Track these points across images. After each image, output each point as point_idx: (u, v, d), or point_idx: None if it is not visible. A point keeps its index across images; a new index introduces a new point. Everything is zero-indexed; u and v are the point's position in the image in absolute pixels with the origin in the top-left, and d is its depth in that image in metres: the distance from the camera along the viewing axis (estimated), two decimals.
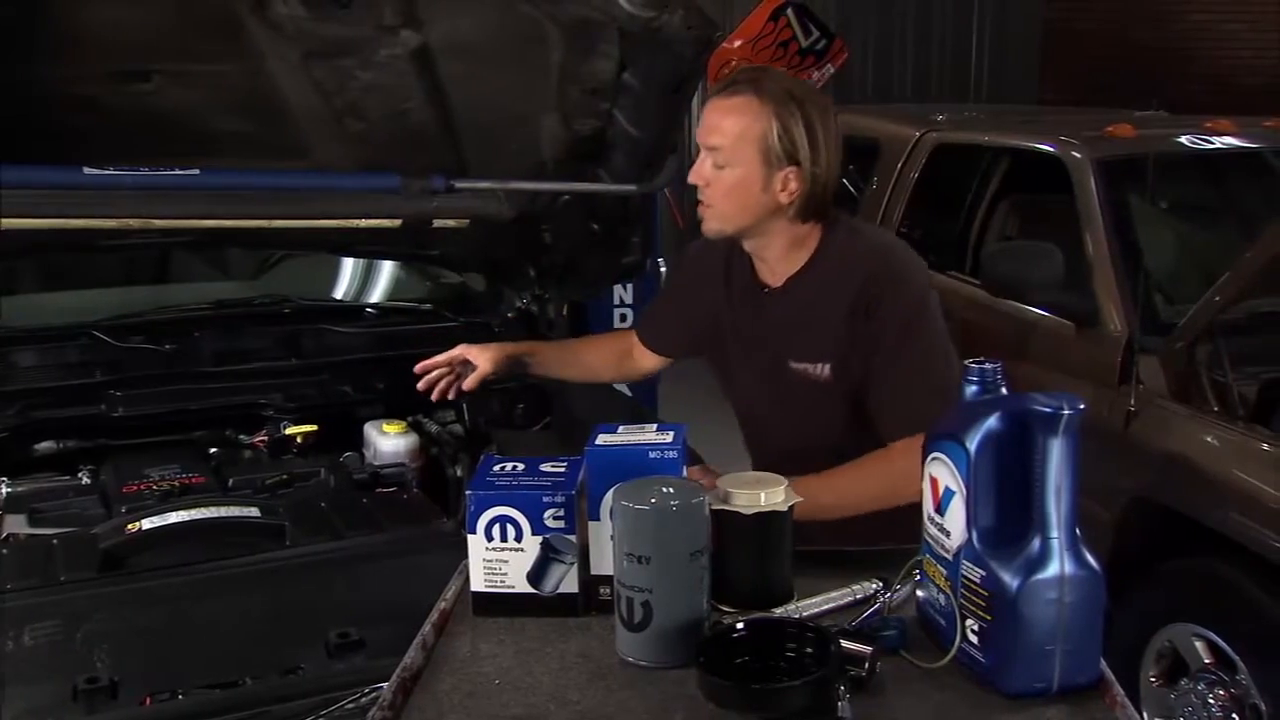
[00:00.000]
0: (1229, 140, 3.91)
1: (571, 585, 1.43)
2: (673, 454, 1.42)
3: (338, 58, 2.23)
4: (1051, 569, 1.20)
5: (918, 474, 1.36)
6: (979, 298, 3.76)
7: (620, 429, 1.48)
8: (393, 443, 2.64)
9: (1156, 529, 3.01)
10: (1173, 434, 3.00)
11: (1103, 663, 1.25)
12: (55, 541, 2.19)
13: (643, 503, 1.29)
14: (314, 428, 2.71)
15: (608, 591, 1.38)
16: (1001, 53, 8.31)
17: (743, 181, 1.81)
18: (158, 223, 2.45)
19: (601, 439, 1.45)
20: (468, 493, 1.43)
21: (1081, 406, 1.21)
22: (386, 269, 3.43)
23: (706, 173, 1.83)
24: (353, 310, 3.18)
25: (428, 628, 1.41)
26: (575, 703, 1.25)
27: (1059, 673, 1.21)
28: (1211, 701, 2.77)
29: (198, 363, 2.80)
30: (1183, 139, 3.91)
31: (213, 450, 2.68)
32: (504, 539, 1.42)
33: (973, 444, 1.24)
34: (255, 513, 2.29)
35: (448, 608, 1.47)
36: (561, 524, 1.41)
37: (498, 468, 1.48)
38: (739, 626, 1.30)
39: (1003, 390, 1.33)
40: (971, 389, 1.32)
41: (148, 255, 3.21)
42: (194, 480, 2.45)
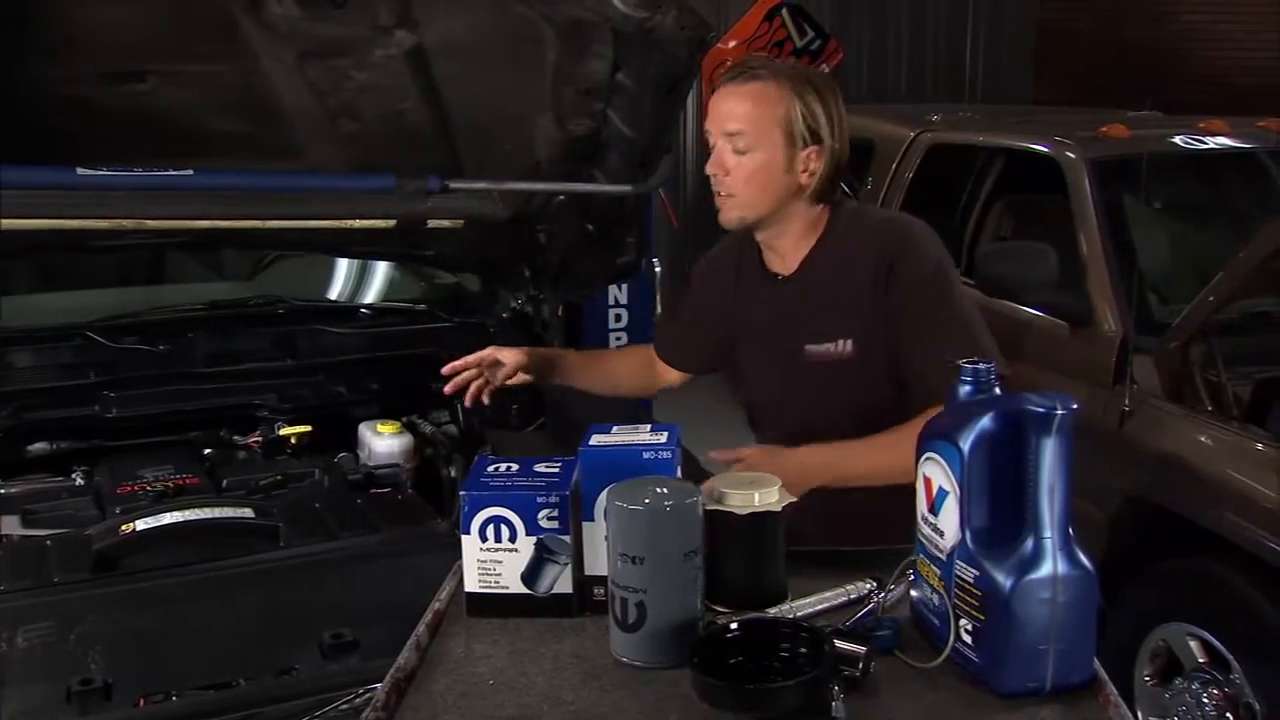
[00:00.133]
0: (1222, 140, 3.91)
1: (566, 586, 1.43)
2: (667, 454, 1.42)
3: (332, 58, 2.22)
4: (1045, 569, 1.20)
5: None
6: (974, 298, 3.76)
7: (614, 429, 1.48)
8: (387, 443, 2.64)
9: (1151, 529, 3.01)
10: (1167, 434, 3.01)
11: (1096, 662, 1.25)
12: (49, 543, 2.19)
13: (636, 503, 1.29)
14: (308, 428, 2.71)
15: (602, 592, 1.38)
16: (996, 53, 8.31)
17: (766, 165, 1.82)
18: (151, 223, 2.45)
19: (595, 439, 1.45)
20: (462, 493, 1.43)
21: (1074, 407, 1.21)
22: (381, 269, 3.43)
23: (727, 161, 1.82)
24: (347, 311, 3.18)
25: (422, 628, 1.41)
26: (569, 703, 1.25)
27: (1052, 672, 1.21)
28: (1206, 701, 2.78)
29: (192, 363, 2.79)
30: (1177, 139, 3.91)
31: (207, 451, 2.68)
32: (498, 539, 1.42)
33: (966, 444, 1.25)
34: (249, 514, 2.29)
35: (442, 608, 1.47)
36: (556, 524, 1.41)
37: (492, 468, 1.48)
38: (733, 627, 1.30)
39: (996, 390, 1.33)
40: (965, 389, 1.33)
41: (142, 256, 3.21)
42: (188, 481, 2.45)
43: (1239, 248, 2.92)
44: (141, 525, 2.18)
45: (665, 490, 1.31)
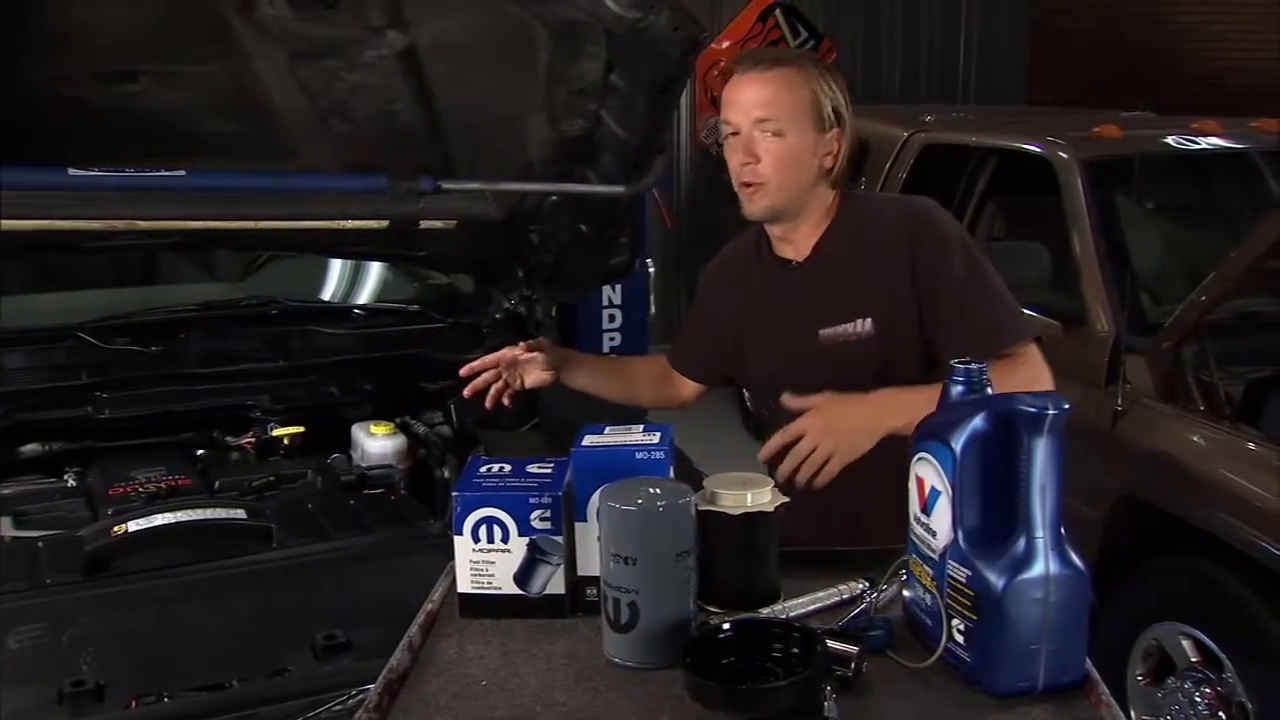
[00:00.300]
0: (1215, 141, 3.93)
1: (558, 586, 1.43)
2: (659, 455, 1.42)
3: (324, 58, 2.22)
4: (1037, 568, 1.20)
5: (1046, 376, 1.67)
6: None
7: (607, 430, 1.48)
8: (380, 444, 2.64)
9: (1144, 528, 3.02)
10: (1159, 433, 3.01)
11: (1088, 662, 1.26)
12: (41, 544, 2.18)
13: (629, 504, 1.29)
14: (301, 429, 2.71)
15: (594, 592, 1.38)
16: (990, 53, 8.32)
17: (797, 149, 1.83)
18: (143, 224, 2.44)
19: (588, 440, 1.45)
20: (454, 494, 1.43)
21: (1066, 406, 1.21)
22: (374, 270, 3.42)
23: (758, 148, 1.82)
24: (340, 311, 3.18)
25: (414, 629, 1.41)
26: (562, 704, 1.25)
27: (1044, 672, 1.21)
28: (1198, 700, 2.78)
29: (184, 364, 2.79)
30: (1169, 140, 3.93)
31: (199, 452, 2.68)
32: (491, 540, 1.42)
33: (958, 444, 1.25)
34: (242, 514, 2.29)
35: (434, 609, 1.47)
36: (548, 525, 1.41)
37: (484, 469, 1.48)
38: (725, 627, 1.30)
39: (988, 390, 1.33)
40: (957, 389, 1.33)
41: (134, 256, 3.21)
42: (180, 482, 2.45)
43: (1231, 248, 2.92)
44: (134, 526, 2.18)
45: (658, 491, 1.31)
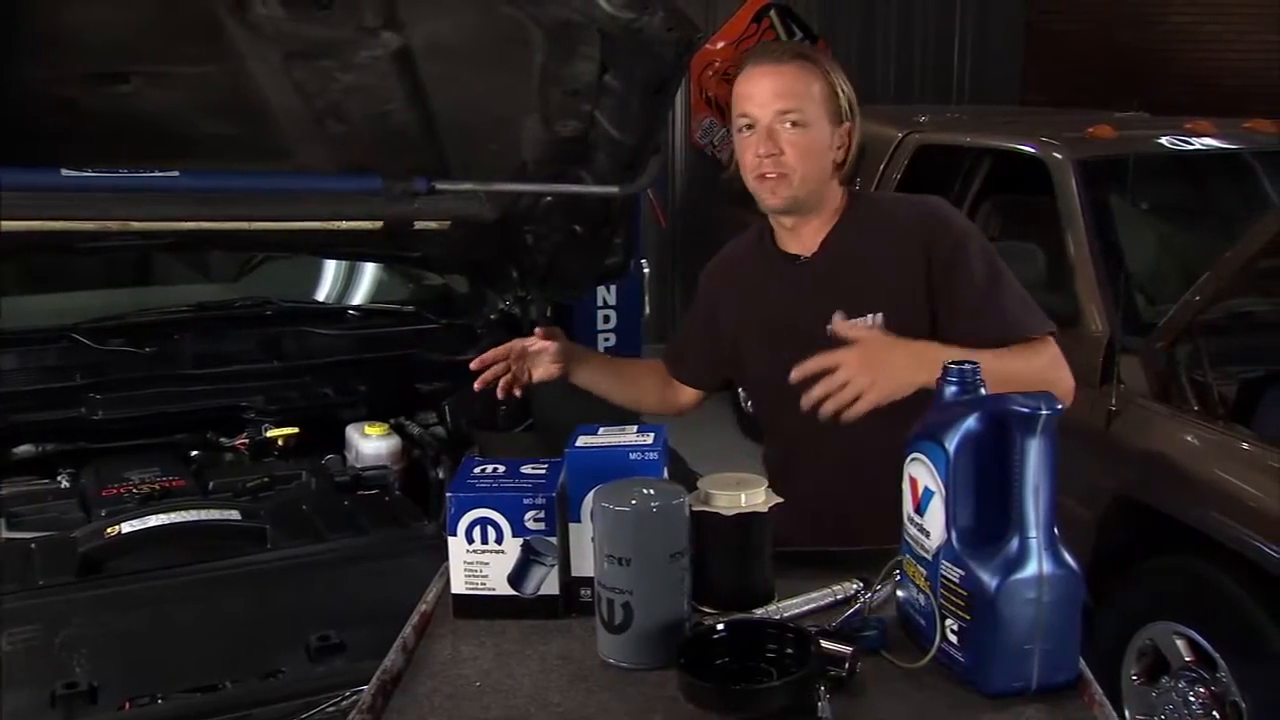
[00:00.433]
0: (1209, 141, 3.94)
1: (552, 587, 1.43)
2: (653, 455, 1.42)
3: (318, 59, 2.22)
4: (1030, 568, 1.20)
5: (1066, 371, 1.76)
6: None
7: (601, 430, 1.48)
8: (374, 445, 2.64)
9: (1138, 528, 3.02)
10: (1153, 433, 3.02)
11: (1081, 662, 1.26)
12: (34, 545, 2.18)
13: (622, 504, 1.29)
14: (295, 430, 2.71)
15: (589, 593, 1.38)
16: (984, 54, 8.33)
17: (819, 140, 1.84)
18: (137, 225, 2.44)
19: (582, 440, 1.45)
20: (448, 495, 1.43)
21: (1059, 407, 1.22)
22: (368, 271, 3.42)
23: (782, 139, 1.82)
24: (334, 312, 3.17)
25: (408, 630, 1.40)
26: (556, 704, 1.25)
27: (1038, 672, 1.21)
28: (1192, 699, 2.79)
29: (178, 365, 2.78)
30: (1163, 140, 3.94)
31: (193, 453, 2.67)
32: (485, 541, 1.42)
33: (952, 444, 1.25)
34: (236, 515, 2.28)
35: (428, 610, 1.47)
36: (542, 526, 1.41)
37: (478, 470, 1.48)
38: (719, 628, 1.30)
39: (982, 390, 1.33)
40: (950, 389, 1.33)
41: (128, 257, 3.20)
42: (174, 483, 2.45)
43: (1225, 248, 2.93)
44: (127, 528, 2.17)
45: (651, 491, 1.31)
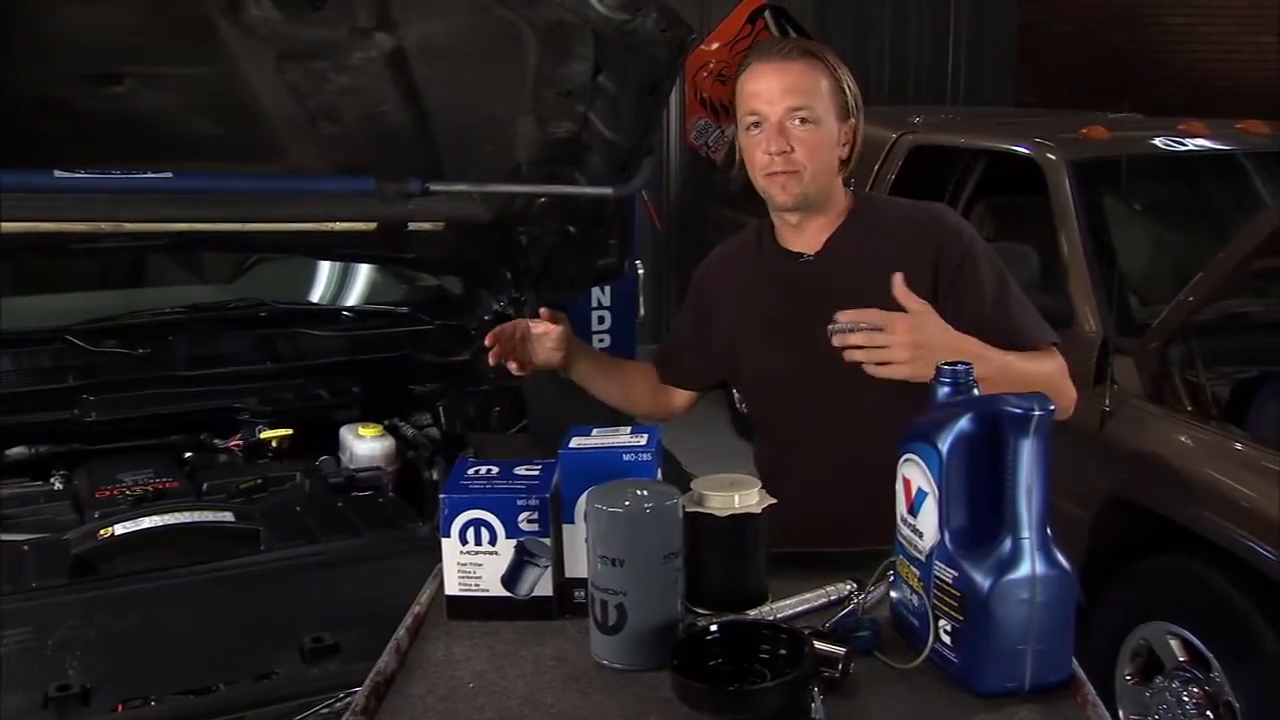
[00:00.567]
0: (1201, 142, 3.94)
1: (546, 588, 1.43)
2: (646, 456, 1.42)
3: (311, 60, 2.22)
4: (1023, 569, 1.20)
5: (1070, 383, 1.79)
6: None
7: (594, 431, 1.48)
8: (368, 446, 2.63)
9: (1132, 528, 3.03)
10: (1147, 434, 3.03)
11: (1074, 662, 1.26)
12: (26, 547, 2.17)
13: (616, 505, 1.28)
14: (289, 431, 2.70)
15: (582, 594, 1.38)
16: (978, 55, 8.35)
17: (829, 136, 1.84)
18: (130, 226, 2.43)
19: (575, 442, 1.45)
20: (441, 496, 1.43)
21: (1052, 408, 1.22)
22: (363, 272, 3.42)
23: (792, 136, 1.81)
24: (328, 314, 3.17)
25: (402, 632, 1.40)
26: (549, 706, 1.25)
27: (1031, 672, 1.21)
28: (1186, 699, 2.79)
29: (172, 367, 2.78)
30: (1156, 141, 3.95)
31: (187, 455, 2.67)
32: (478, 542, 1.42)
33: (945, 445, 1.25)
34: (229, 517, 2.28)
35: (422, 611, 1.47)
36: (536, 527, 1.41)
37: (472, 471, 1.48)
38: (713, 629, 1.30)
39: (975, 391, 1.33)
40: (943, 390, 1.33)
41: (121, 259, 3.19)
42: (167, 485, 2.44)
43: (1218, 249, 2.94)
44: (120, 529, 2.17)
45: (645, 493, 1.31)
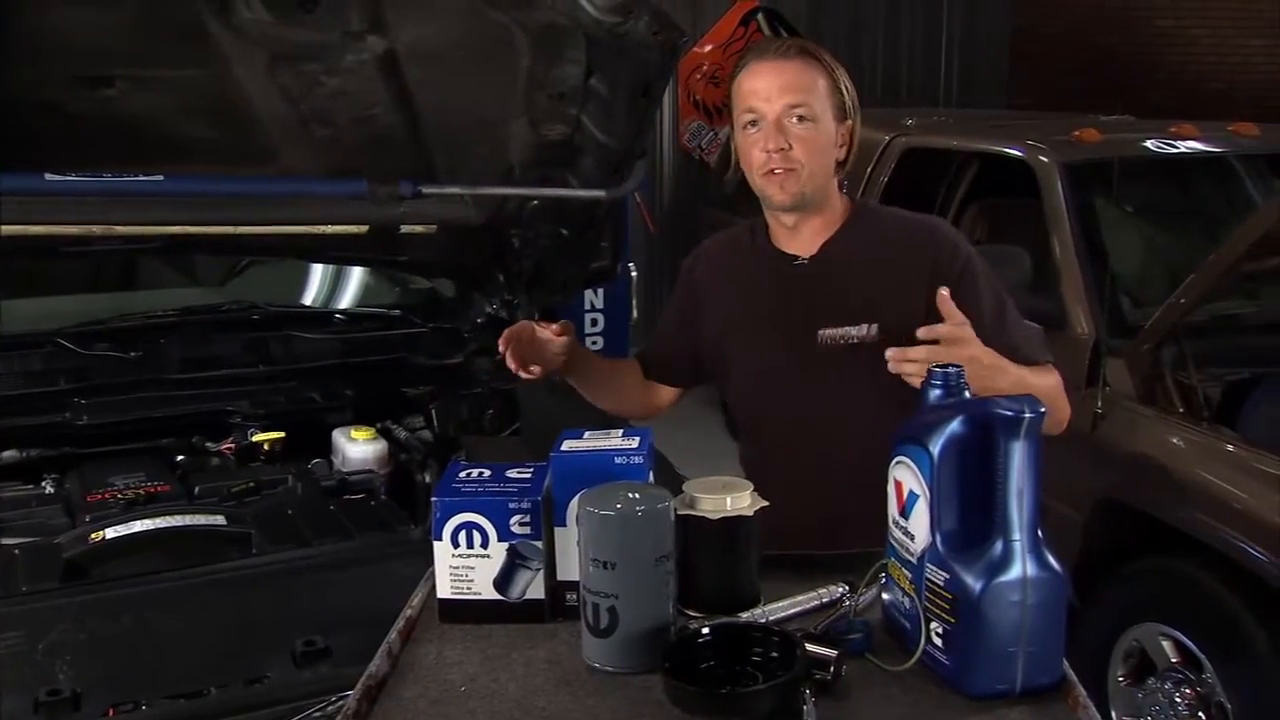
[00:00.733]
0: (1193, 145, 3.95)
1: (538, 591, 1.43)
2: (638, 459, 1.41)
3: (303, 63, 2.22)
4: (1014, 571, 1.20)
5: (1065, 400, 1.80)
6: None
7: (586, 434, 1.48)
8: (361, 449, 2.63)
9: (1124, 529, 3.03)
10: (1139, 435, 3.03)
11: (1065, 664, 1.26)
12: (17, 551, 2.16)
13: (608, 508, 1.28)
14: (281, 434, 2.69)
15: (574, 597, 1.38)
16: (971, 58, 8.37)
17: (825, 136, 1.83)
18: (121, 229, 2.43)
19: (567, 445, 1.45)
20: (433, 499, 1.42)
21: (1043, 410, 1.22)
22: (355, 275, 3.41)
23: (791, 135, 1.79)
24: (321, 316, 3.16)
25: (393, 635, 1.40)
26: (542, 709, 1.25)
27: (1022, 674, 1.22)
28: (1178, 700, 2.80)
29: (164, 370, 2.77)
30: (1148, 143, 3.95)
31: (179, 458, 2.66)
32: (470, 545, 1.41)
33: (936, 447, 1.25)
34: (221, 521, 2.27)
35: (414, 615, 1.46)
36: (528, 530, 1.41)
37: (464, 474, 1.48)
38: (704, 631, 1.30)
39: (965, 394, 1.33)
40: (934, 392, 1.33)
41: (113, 261, 3.18)
42: (159, 488, 2.43)
43: (1209, 250, 2.94)
44: (111, 533, 2.16)
45: (636, 495, 1.31)
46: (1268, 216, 2.77)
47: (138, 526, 2.18)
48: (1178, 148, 3.92)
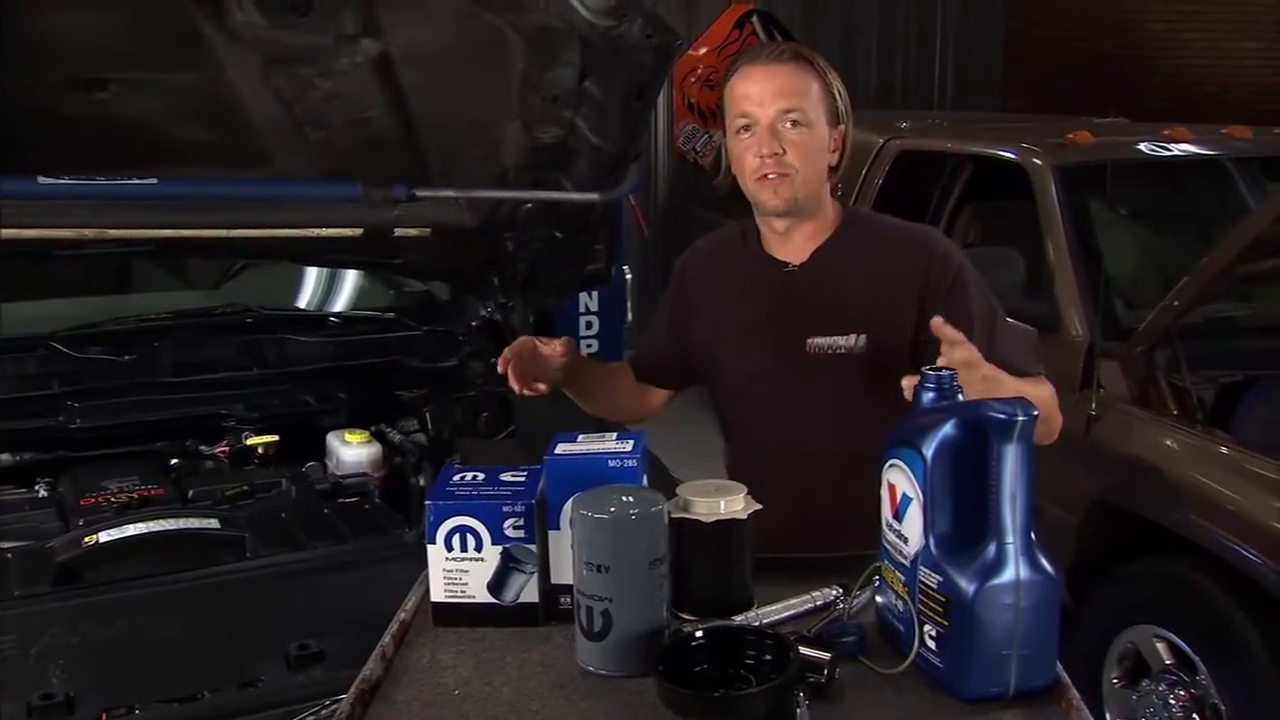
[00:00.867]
0: (1187, 147, 3.96)
1: (532, 595, 1.43)
2: (632, 463, 1.41)
3: (298, 66, 2.21)
4: (1007, 574, 1.21)
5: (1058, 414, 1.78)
6: None
7: (580, 438, 1.48)
8: (355, 452, 2.62)
9: (1118, 532, 3.04)
10: (1133, 438, 3.03)
11: (1059, 666, 1.26)
12: (10, 555, 2.16)
13: (601, 512, 1.28)
14: (275, 438, 2.69)
15: (568, 601, 1.38)
16: (965, 60, 8.39)
17: (819, 140, 1.82)
18: (115, 232, 2.42)
19: (561, 448, 1.45)
20: (427, 503, 1.43)
21: (1035, 413, 1.22)
22: (350, 278, 3.41)
23: (785, 138, 1.78)
24: (315, 319, 3.16)
25: (387, 638, 1.40)
26: (535, 712, 1.25)
27: (1015, 677, 1.22)
28: (1172, 702, 2.80)
29: (158, 373, 2.77)
30: (1142, 146, 3.96)
31: (173, 461, 2.65)
32: (464, 549, 1.41)
33: (929, 451, 1.25)
34: (215, 524, 2.27)
35: (407, 618, 1.46)
36: (521, 533, 1.41)
37: (457, 477, 1.48)
38: (698, 635, 1.30)
39: (959, 397, 1.34)
40: (928, 396, 1.33)
41: (107, 265, 3.18)
42: (153, 492, 2.42)
43: (1203, 253, 2.95)
44: (105, 537, 2.16)
45: (630, 499, 1.31)
46: (1261, 219, 2.78)
47: (131, 530, 2.17)
48: (1171, 150, 3.92)
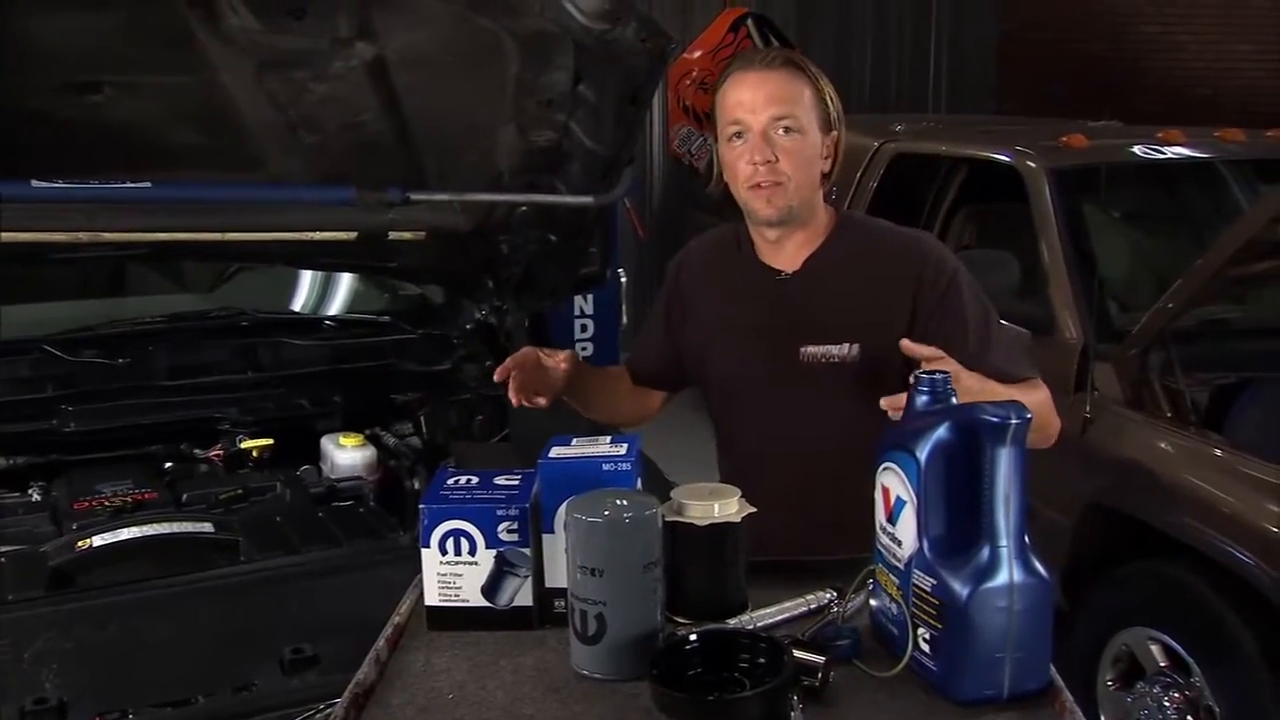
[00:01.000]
0: (1180, 150, 3.97)
1: (526, 598, 1.43)
2: (626, 466, 1.41)
3: (292, 70, 2.21)
4: (1001, 577, 1.21)
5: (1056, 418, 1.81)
6: None
7: (574, 441, 1.48)
8: (350, 456, 2.62)
9: (1112, 534, 3.04)
10: (1127, 440, 3.04)
11: (1052, 669, 1.26)
12: (3, 559, 2.15)
13: (595, 515, 1.28)
14: (270, 441, 2.68)
15: (562, 604, 1.38)
16: (959, 64, 8.41)
17: (811, 147, 1.80)
18: (109, 235, 2.42)
19: (555, 451, 1.45)
20: (421, 506, 1.42)
21: (1029, 416, 1.22)
22: (344, 281, 3.40)
23: (778, 146, 1.77)
24: (310, 323, 3.15)
25: (381, 642, 1.40)
26: (530, 716, 1.25)
27: (1009, 680, 1.22)
28: (1167, 704, 2.80)
29: (152, 377, 2.76)
30: (1136, 149, 3.96)
31: (167, 465, 2.65)
32: (458, 553, 1.41)
33: (923, 454, 1.25)
34: (209, 528, 2.26)
35: (402, 622, 1.46)
36: (516, 537, 1.41)
37: (451, 481, 1.48)
38: (692, 638, 1.29)
39: (953, 400, 1.34)
40: (922, 399, 1.34)
41: (101, 268, 3.17)
42: (146, 496, 2.41)
43: (1197, 255, 2.96)
44: (98, 541, 2.15)
45: (624, 502, 1.31)
46: (1254, 221, 2.78)
47: (125, 534, 2.17)
48: (1165, 153, 3.93)
